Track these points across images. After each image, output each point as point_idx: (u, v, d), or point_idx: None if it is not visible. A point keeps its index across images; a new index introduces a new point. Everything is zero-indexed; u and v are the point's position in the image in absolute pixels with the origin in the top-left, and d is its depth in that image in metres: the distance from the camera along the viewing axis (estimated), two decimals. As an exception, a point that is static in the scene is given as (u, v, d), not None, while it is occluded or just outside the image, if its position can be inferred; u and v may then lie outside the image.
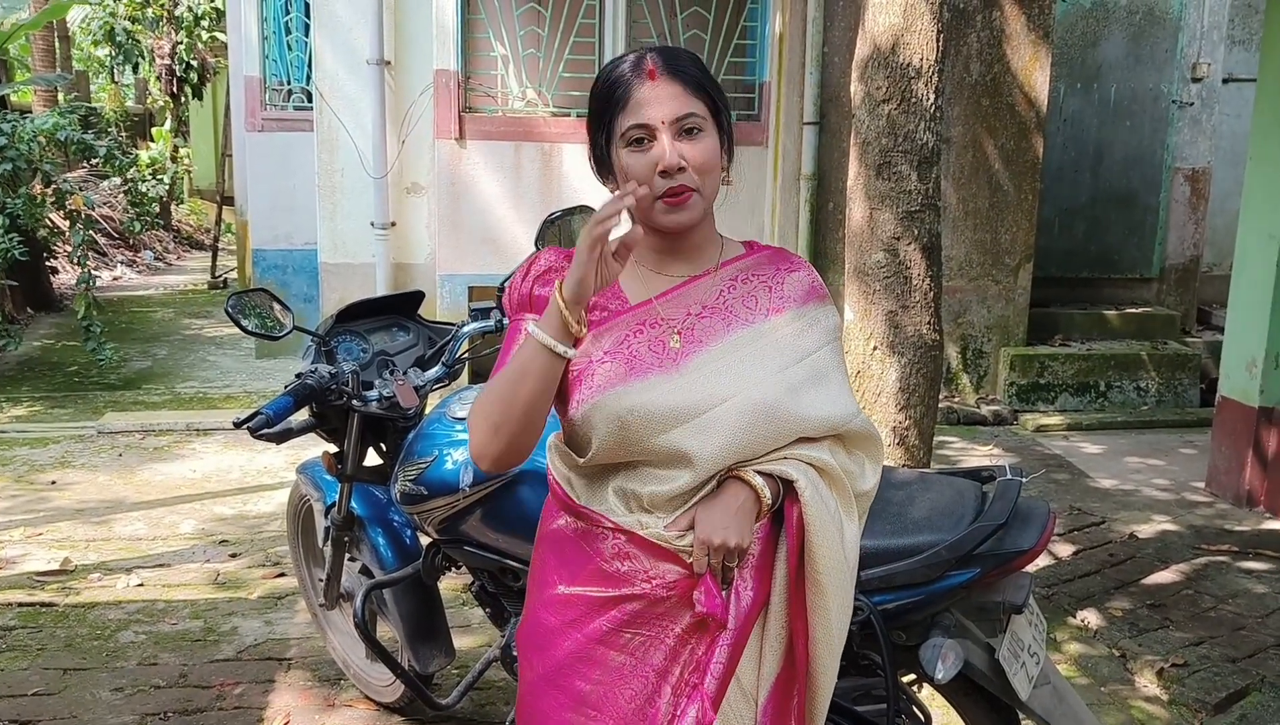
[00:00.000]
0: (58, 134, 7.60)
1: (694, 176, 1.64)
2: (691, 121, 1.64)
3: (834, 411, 1.70)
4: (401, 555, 2.89)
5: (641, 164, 1.63)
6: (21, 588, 4.01)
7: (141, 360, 8.34)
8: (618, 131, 1.65)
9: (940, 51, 3.48)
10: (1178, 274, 7.62)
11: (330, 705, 3.24)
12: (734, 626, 1.66)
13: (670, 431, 1.62)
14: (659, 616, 1.66)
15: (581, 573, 1.69)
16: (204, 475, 5.41)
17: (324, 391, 2.66)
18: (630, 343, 1.68)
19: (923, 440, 3.64)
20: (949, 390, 6.70)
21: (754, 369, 1.67)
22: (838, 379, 1.74)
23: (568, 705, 1.69)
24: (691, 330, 1.69)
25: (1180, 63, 7.28)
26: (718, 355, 1.67)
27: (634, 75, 1.65)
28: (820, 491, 1.67)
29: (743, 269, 1.76)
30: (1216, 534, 4.67)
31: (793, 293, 1.76)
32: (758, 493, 1.64)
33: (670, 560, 1.65)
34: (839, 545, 1.68)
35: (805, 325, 1.74)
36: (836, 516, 1.69)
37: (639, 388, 1.63)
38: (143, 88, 18.79)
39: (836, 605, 1.68)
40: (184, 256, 15.37)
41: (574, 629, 1.69)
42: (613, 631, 1.67)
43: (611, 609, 1.67)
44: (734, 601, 1.66)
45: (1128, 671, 3.53)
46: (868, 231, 3.56)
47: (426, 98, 6.91)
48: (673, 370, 1.65)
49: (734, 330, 1.70)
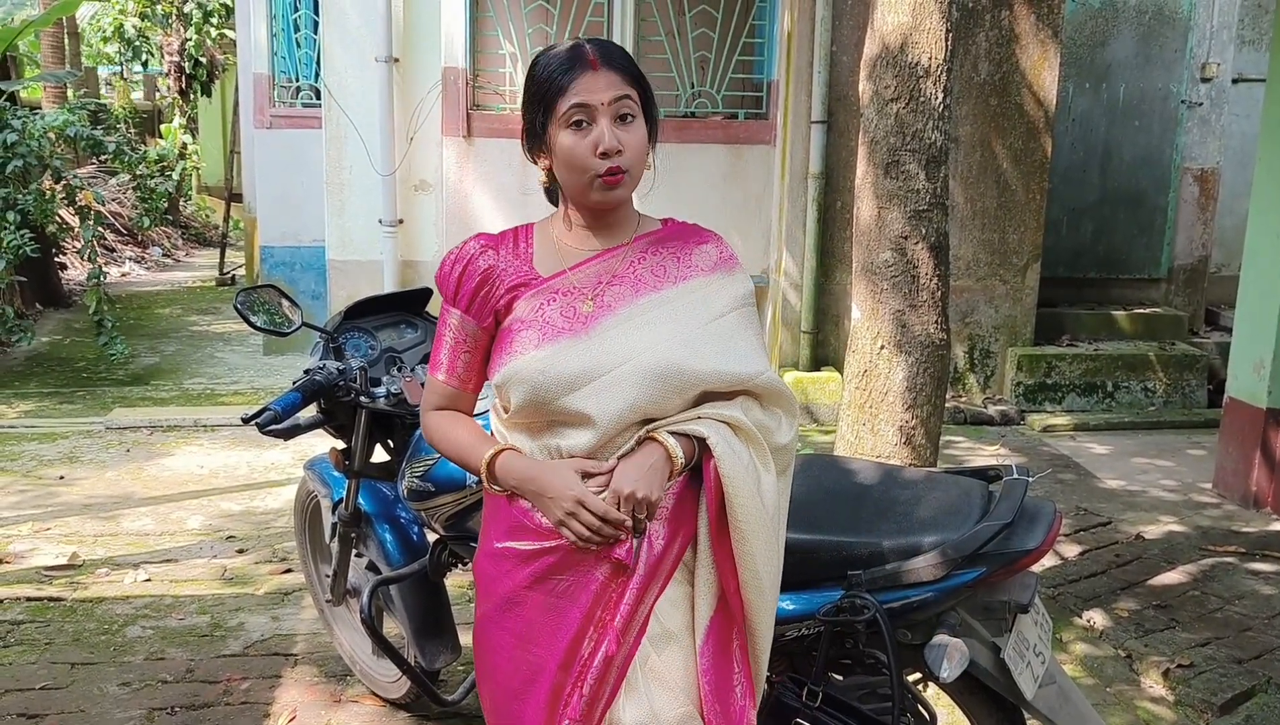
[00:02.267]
0: (67, 130, 7.62)
1: (627, 158, 1.78)
2: (627, 106, 1.79)
3: (736, 367, 1.81)
4: (408, 551, 2.89)
5: (582, 146, 1.77)
6: (30, 582, 4.03)
7: (149, 356, 8.36)
8: (557, 113, 1.78)
9: (949, 50, 3.48)
10: (1186, 274, 7.60)
11: (336, 701, 3.25)
12: (643, 571, 1.79)
13: (575, 392, 1.76)
14: (579, 564, 1.79)
15: (511, 527, 1.84)
16: (211, 471, 5.42)
17: (332, 388, 2.67)
18: (545, 310, 1.82)
19: (930, 440, 3.63)
20: (956, 390, 6.70)
21: (656, 332, 1.80)
22: (745, 339, 1.85)
23: (512, 639, 1.85)
24: (602, 296, 1.83)
25: (1190, 63, 7.26)
26: (624, 318, 1.81)
27: (575, 63, 1.78)
28: (733, 446, 1.79)
29: (655, 241, 1.91)
30: (1223, 535, 4.66)
31: (701, 263, 1.90)
32: (669, 452, 1.77)
33: None
34: (755, 495, 1.79)
35: (711, 292, 1.87)
36: (751, 468, 1.80)
37: (549, 351, 1.78)
38: (151, 84, 18.82)
39: (761, 551, 1.80)
40: (192, 253, 15.39)
41: (507, 578, 1.84)
42: (540, 580, 1.81)
43: (537, 560, 1.81)
44: (645, 548, 1.79)
45: (1133, 672, 3.52)
46: (875, 230, 3.56)
47: (435, 95, 6.92)
48: (581, 334, 1.79)
49: (642, 296, 1.84)
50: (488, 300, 1.86)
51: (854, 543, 2.14)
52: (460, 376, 1.92)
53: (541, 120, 1.81)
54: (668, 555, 1.82)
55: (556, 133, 1.79)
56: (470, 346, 1.90)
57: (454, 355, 1.91)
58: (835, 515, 2.23)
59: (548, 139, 1.81)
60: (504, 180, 6.80)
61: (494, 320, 1.87)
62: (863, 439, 3.60)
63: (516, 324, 1.83)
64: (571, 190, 1.84)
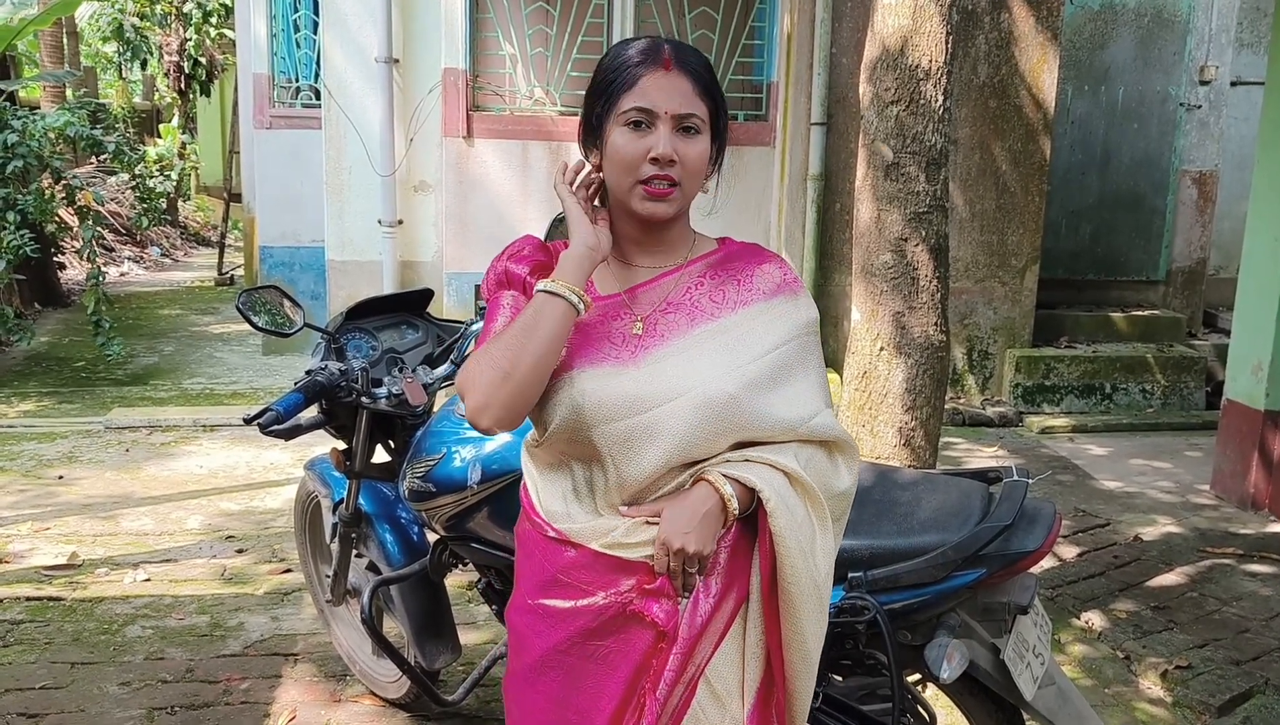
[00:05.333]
0: (68, 130, 7.62)
1: (681, 172, 1.64)
2: (692, 121, 1.65)
3: (795, 412, 1.66)
4: (409, 552, 2.90)
5: (635, 147, 1.63)
6: (29, 582, 4.03)
7: (148, 356, 8.35)
8: (618, 109, 1.65)
9: (949, 53, 3.49)
10: (1184, 277, 7.62)
11: (336, 701, 3.25)
12: (687, 635, 1.63)
13: (618, 422, 1.61)
14: (620, 628, 1.64)
15: (542, 583, 1.70)
16: (211, 471, 5.42)
17: (334, 388, 2.67)
18: (593, 331, 1.67)
19: (929, 441, 3.64)
20: (954, 391, 6.71)
21: (712, 364, 1.64)
22: (803, 376, 1.70)
23: (546, 702, 1.70)
24: (655, 324, 1.69)
25: (1188, 65, 7.28)
26: (677, 350, 1.66)
27: (649, 60, 1.65)
28: (789, 501, 1.63)
29: (712, 264, 1.76)
30: (1221, 537, 4.67)
31: (762, 286, 1.74)
32: (725, 500, 1.61)
33: (626, 569, 1.63)
34: (809, 556, 1.64)
35: (772, 319, 1.71)
36: (806, 525, 1.65)
37: (594, 374, 1.63)
38: (150, 84, 18.83)
39: (808, 616, 1.66)
40: (191, 253, 15.39)
41: (541, 639, 1.69)
42: (577, 643, 1.66)
43: (571, 621, 1.66)
44: (690, 610, 1.64)
45: (1132, 673, 3.53)
46: (875, 232, 3.57)
47: (435, 96, 6.93)
48: (629, 362, 1.65)
49: (698, 325, 1.68)
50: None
51: (854, 544, 2.14)
52: None
53: (600, 113, 1.69)
54: (717, 617, 1.66)
55: (612, 129, 1.66)
56: None
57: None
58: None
59: (603, 134, 1.68)
60: (504, 181, 6.80)
61: None
62: (862, 440, 3.61)
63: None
64: (616, 194, 1.69)
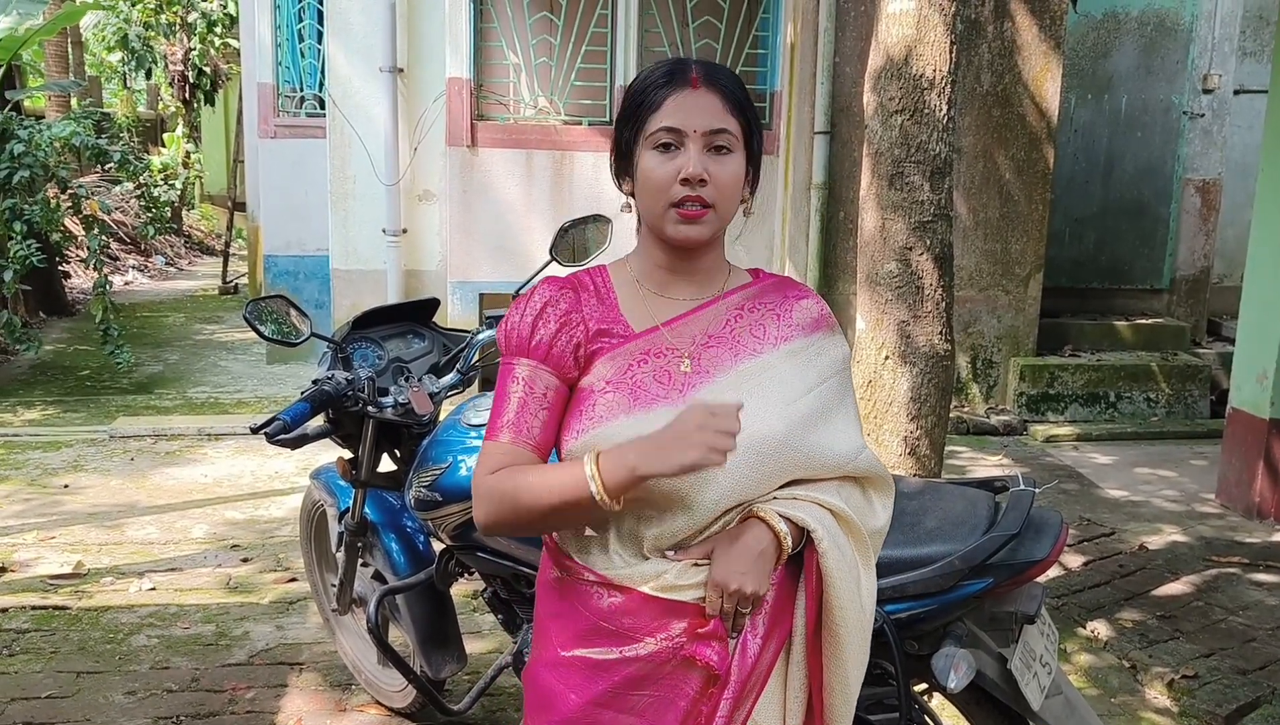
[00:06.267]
0: (73, 140, 7.64)
1: (714, 192, 1.58)
2: (723, 139, 1.58)
3: (841, 448, 1.64)
4: (415, 561, 2.90)
5: (665, 169, 1.57)
6: (35, 591, 4.03)
7: (153, 365, 8.37)
8: (646, 131, 1.59)
9: (953, 63, 3.49)
10: (1188, 285, 7.61)
11: (342, 710, 3.25)
12: (739, 677, 1.57)
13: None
14: (668, 675, 1.56)
15: (580, 633, 1.60)
16: (216, 480, 5.43)
17: (340, 398, 2.68)
18: (635, 372, 1.60)
19: (934, 450, 3.64)
20: (959, 400, 6.71)
21: (760, 403, 1.58)
22: (844, 412, 1.68)
23: None
24: (698, 358, 1.62)
25: (1191, 74, 7.29)
26: (723, 388, 1.59)
27: (675, 79, 1.59)
28: (838, 540, 1.60)
29: (750, 296, 1.70)
30: (1227, 545, 4.67)
31: (801, 321, 1.70)
32: (780, 539, 1.55)
33: (677, 613, 1.56)
34: (857, 597, 1.61)
35: (813, 355, 1.67)
36: (854, 566, 1.62)
37: (642, 420, 1.54)
38: (155, 94, 18.88)
39: (853, 657, 1.63)
40: (195, 262, 15.42)
41: (576, 694, 1.58)
42: (618, 695, 1.57)
43: (615, 671, 1.57)
44: (740, 652, 1.58)
45: (1138, 683, 3.52)
46: (880, 241, 3.57)
47: (439, 105, 6.95)
48: (679, 402, 1.56)
49: (741, 361, 1.63)
50: (568, 348, 1.61)
51: (861, 553, 2.14)
52: (534, 437, 1.59)
53: (628, 138, 1.62)
54: (764, 657, 1.60)
55: (642, 153, 1.60)
56: (548, 402, 1.61)
57: (522, 413, 1.59)
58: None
59: (634, 160, 1.62)
60: (508, 190, 6.82)
61: (576, 371, 1.62)
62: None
63: (599, 384, 1.60)
64: (649, 220, 1.63)
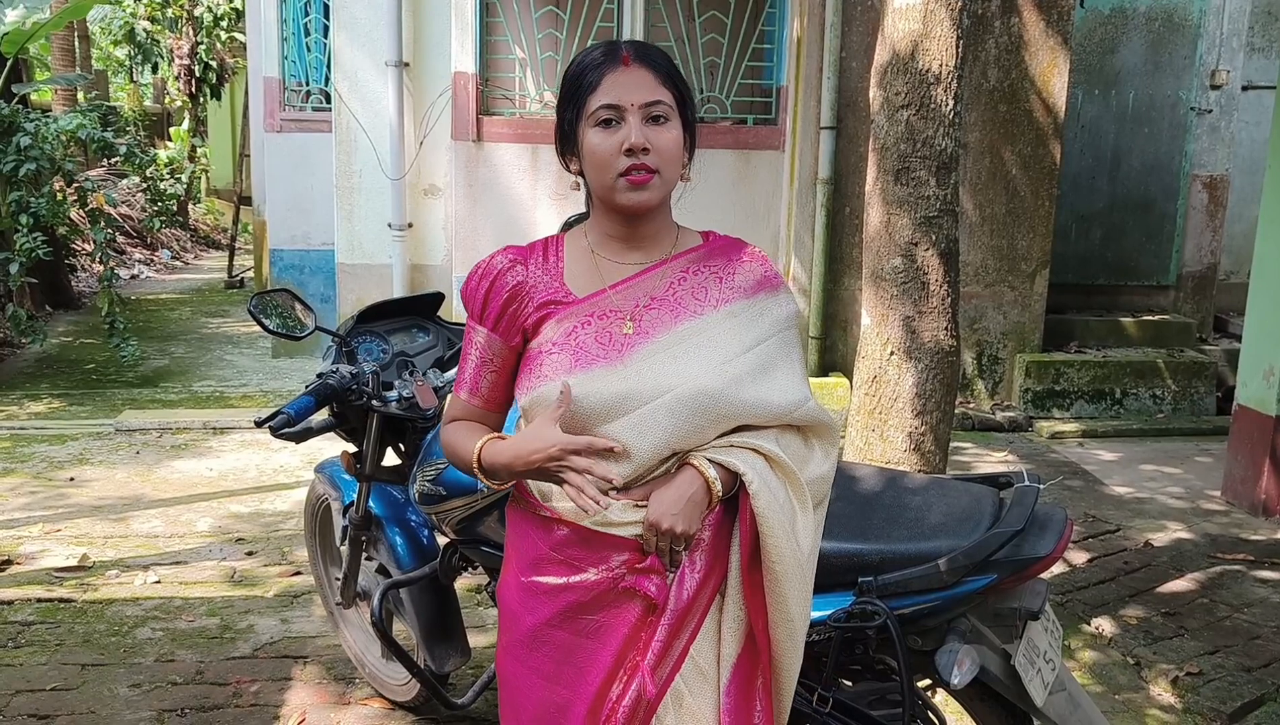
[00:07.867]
0: (79, 133, 7.65)
1: (657, 159, 1.70)
2: (659, 109, 1.71)
3: (779, 400, 1.74)
4: (419, 555, 2.90)
5: (609, 143, 1.70)
6: (40, 583, 4.04)
7: (159, 358, 8.38)
8: (587, 111, 1.71)
9: (960, 58, 3.48)
10: (1195, 281, 7.59)
11: (345, 703, 3.26)
12: (675, 608, 1.72)
13: (609, 423, 1.69)
14: (611, 602, 1.73)
15: (534, 560, 1.77)
16: (221, 474, 5.44)
17: (345, 391, 2.68)
18: (578, 334, 1.74)
19: (939, 446, 3.63)
20: (964, 396, 6.70)
21: (697, 361, 1.72)
22: (786, 368, 1.78)
23: (537, 678, 1.77)
24: (640, 320, 1.75)
25: (1199, 70, 7.26)
26: (662, 347, 1.73)
27: (608, 60, 1.72)
28: (769, 483, 1.72)
29: (695, 259, 1.82)
30: (1232, 543, 4.65)
31: (744, 283, 1.81)
32: (709, 483, 1.70)
33: (617, 546, 1.72)
34: (790, 535, 1.73)
35: (754, 316, 1.79)
36: (787, 507, 1.74)
37: (581, 379, 1.69)
38: (161, 88, 18.90)
39: (793, 592, 1.74)
40: (201, 256, 15.45)
41: (532, 614, 1.77)
42: (568, 618, 1.74)
43: (563, 596, 1.74)
44: (677, 584, 1.73)
45: (1142, 680, 3.52)
46: (885, 237, 3.57)
47: (445, 100, 6.94)
48: (616, 362, 1.71)
49: (681, 321, 1.75)
50: (516, 318, 1.78)
51: (865, 549, 2.14)
52: (484, 396, 1.84)
53: (571, 119, 1.75)
54: (703, 592, 1.75)
55: (585, 131, 1.72)
56: (497, 365, 1.82)
57: (479, 374, 1.83)
58: (846, 521, 2.23)
59: (578, 138, 1.74)
60: (514, 185, 6.81)
61: (522, 338, 1.79)
62: (872, 445, 3.61)
63: (547, 346, 1.75)
64: (599, 192, 1.76)
